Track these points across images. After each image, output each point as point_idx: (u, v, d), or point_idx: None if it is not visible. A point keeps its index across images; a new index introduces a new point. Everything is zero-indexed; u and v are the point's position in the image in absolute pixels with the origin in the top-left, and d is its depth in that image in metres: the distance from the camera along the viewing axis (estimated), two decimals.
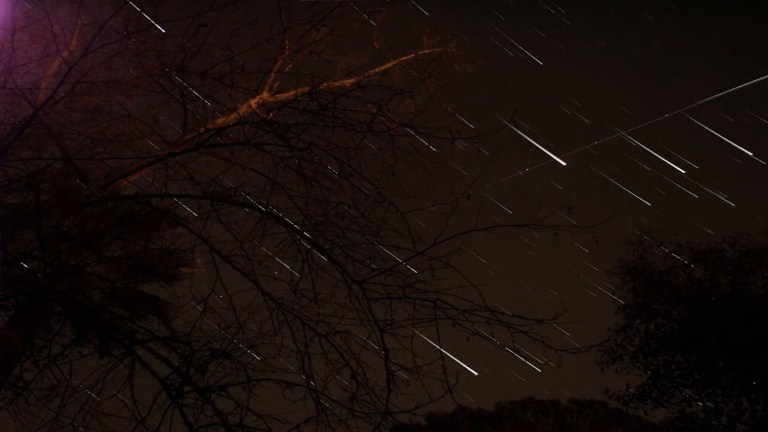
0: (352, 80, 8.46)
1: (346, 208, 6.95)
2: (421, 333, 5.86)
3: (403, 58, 9.04)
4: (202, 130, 7.46)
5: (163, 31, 7.50)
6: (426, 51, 9.17)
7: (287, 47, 8.39)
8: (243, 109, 7.93)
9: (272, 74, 8.32)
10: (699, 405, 13.10)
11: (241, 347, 6.32)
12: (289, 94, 8.26)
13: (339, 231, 6.94)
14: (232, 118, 7.77)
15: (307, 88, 7.42)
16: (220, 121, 7.79)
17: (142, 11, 7.18)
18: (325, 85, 7.91)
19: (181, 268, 7.58)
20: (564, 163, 12.90)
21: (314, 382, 6.15)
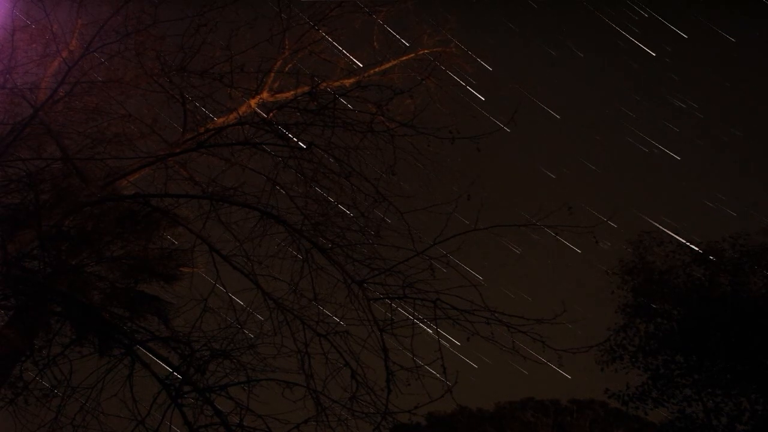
0: (352, 80, 8.44)
1: (346, 208, 6.96)
2: (420, 333, 5.85)
3: (403, 58, 9.03)
4: (202, 130, 7.45)
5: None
6: (426, 51, 9.15)
7: (287, 47, 8.38)
8: (243, 109, 7.92)
9: (272, 74, 8.31)
10: (699, 405, 13.09)
11: (241, 347, 6.32)
12: (289, 94, 8.25)
13: (339, 231, 6.94)
14: (232, 118, 7.76)
15: (306, 88, 7.42)
16: (220, 121, 7.78)
17: (142, 11, 7.17)
18: (325, 85, 7.90)
19: (181, 268, 7.59)
20: (713, 258, 13.11)
21: (314, 382, 6.15)
